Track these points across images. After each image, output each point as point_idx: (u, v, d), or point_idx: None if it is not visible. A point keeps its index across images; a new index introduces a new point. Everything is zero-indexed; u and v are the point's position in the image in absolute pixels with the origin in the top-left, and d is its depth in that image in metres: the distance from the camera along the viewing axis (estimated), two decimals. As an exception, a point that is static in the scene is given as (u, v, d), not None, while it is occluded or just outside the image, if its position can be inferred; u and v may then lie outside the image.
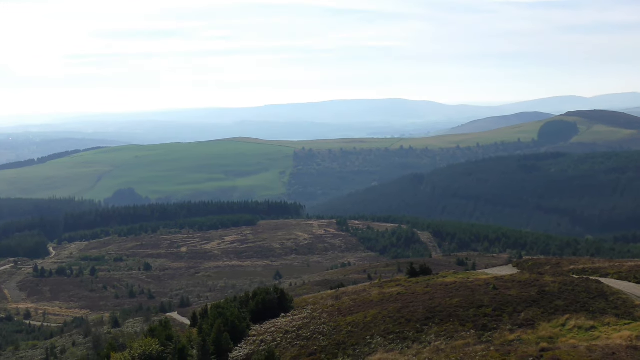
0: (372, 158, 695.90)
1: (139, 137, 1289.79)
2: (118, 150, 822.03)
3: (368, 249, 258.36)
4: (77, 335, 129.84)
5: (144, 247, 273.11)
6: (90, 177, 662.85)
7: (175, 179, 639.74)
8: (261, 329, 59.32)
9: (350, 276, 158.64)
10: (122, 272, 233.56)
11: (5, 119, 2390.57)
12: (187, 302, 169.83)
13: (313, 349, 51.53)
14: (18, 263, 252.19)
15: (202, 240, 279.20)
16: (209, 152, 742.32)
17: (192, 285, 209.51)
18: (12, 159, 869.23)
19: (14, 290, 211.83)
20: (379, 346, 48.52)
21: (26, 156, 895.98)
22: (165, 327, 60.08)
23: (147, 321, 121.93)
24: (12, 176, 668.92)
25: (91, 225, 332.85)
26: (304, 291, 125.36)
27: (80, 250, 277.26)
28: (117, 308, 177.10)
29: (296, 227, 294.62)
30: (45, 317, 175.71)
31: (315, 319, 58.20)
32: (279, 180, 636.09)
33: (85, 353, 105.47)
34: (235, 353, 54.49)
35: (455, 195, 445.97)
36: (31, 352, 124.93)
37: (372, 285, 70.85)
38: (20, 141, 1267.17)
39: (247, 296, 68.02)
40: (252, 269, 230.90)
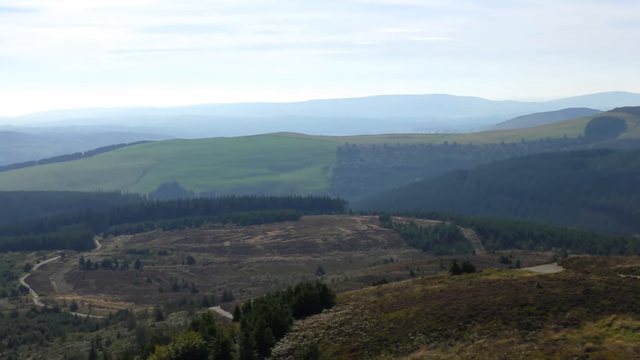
0: (415, 154, 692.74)
1: (184, 132, 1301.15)
2: (163, 144, 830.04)
3: (411, 245, 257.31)
4: (121, 327, 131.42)
5: (187, 241, 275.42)
6: (136, 171, 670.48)
7: (219, 173, 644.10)
8: (303, 324, 59.36)
9: (393, 272, 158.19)
10: (166, 265, 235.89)
11: (54, 114, 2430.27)
12: (229, 296, 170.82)
13: (355, 345, 51.45)
14: (65, 255, 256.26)
15: (245, 234, 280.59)
16: (253, 147, 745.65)
17: (234, 280, 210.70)
18: (60, 153, 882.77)
19: (61, 282, 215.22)
20: (422, 343, 48.27)
21: (73, 150, 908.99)
22: (208, 321, 60.46)
23: (191, 315, 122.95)
24: (59, 169, 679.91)
25: (136, 218, 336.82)
26: (346, 287, 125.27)
27: (125, 244, 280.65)
28: (160, 301, 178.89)
29: (339, 222, 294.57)
30: (91, 309, 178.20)
31: (358, 315, 58.09)
32: (322, 176, 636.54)
33: (130, 345, 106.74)
34: (277, 348, 54.61)
35: (500, 191, 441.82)
36: (77, 343, 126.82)
37: (415, 282, 70.54)
38: (67, 135, 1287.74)
39: (289, 291, 68.11)
40: (294, 264, 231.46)
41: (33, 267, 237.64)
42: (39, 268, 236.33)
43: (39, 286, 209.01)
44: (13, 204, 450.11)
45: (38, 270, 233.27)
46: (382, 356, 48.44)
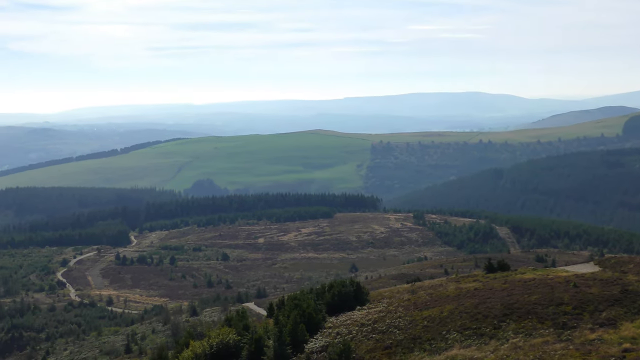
0: (450, 152, 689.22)
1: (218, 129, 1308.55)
2: (198, 141, 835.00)
3: (445, 243, 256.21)
4: (156, 322, 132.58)
5: (222, 237, 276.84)
6: (171, 168, 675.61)
7: (253, 171, 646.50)
8: (337, 321, 59.39)
9: (427, 270, 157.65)
10: (201, 261, 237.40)
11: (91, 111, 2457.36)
12: (263, 292, 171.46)
13: (389, 342, 51.38)
14: (101, 251, 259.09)
15: (279, 231, 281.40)
16: (287, 144, 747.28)
17: (268, 276, 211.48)
18: (97, 149, 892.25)
19: (97, 277, 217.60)
20: (456, 341, 48.07)
21: (110, 146, 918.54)
22: (242, 317, 60.82)
23: (225, 311, 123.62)
24: (96, 166, 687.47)
25: (171, 215, 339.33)
26: (380, 284, 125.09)
27: (160, 240, 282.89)
28: (195, 297, 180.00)
29: (373, 220, 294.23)
30: (127, 304, 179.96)
31: (391, 313, 57.99)
32: (357, 173, 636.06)
33: (164, 340, 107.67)
34: (310, 345, 54.71)
35: (535, 190, 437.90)
36: (113, 337, 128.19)
37: (449, 280, 70.21)
38: (104, 132, 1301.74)
39: (323, 288, 68.17)
40: (328, 261, 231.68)
41: (70, 262, 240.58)
42: (76, 263, 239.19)
43: (75, 281, 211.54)
44: (51, 200, 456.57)
45: (75, 265, 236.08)
46: (416, 354, 48.32)
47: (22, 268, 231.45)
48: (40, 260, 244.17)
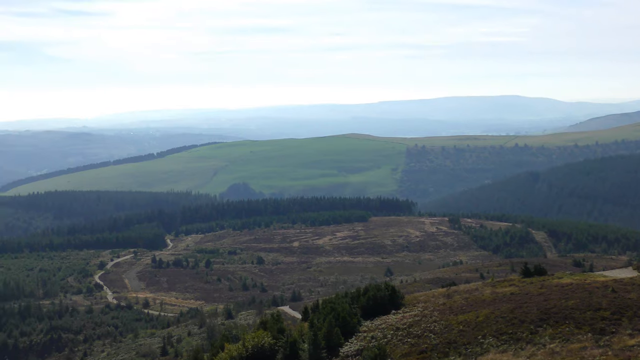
0: (485, 155, 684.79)
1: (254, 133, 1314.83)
2: (233, 145, 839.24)
3: (480, 247, 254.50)
4: (192, 325, 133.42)
5: (257, 241, 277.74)
6: (207, 172, 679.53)
7: (288, 174, 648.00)
8: (372, 325, 59.32)
9: (462, 275, 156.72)
10: (236, 265, 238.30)
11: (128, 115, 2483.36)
12: (298, 296, 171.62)
13: (424, 346, 51.20)
14: (137, 254, 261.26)
15: (314, 235, 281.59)
16: (322, 148, 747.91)
17: (303, 280, 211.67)
18: (134, 153, 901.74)
19: (134, 280, 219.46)
20: (491, 346, 47.75)
21: (146, 150, 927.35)
22: (277, 321, 60.99)
23: (260, 314, 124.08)
24: (133, 170, 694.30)
25: (207, 218, 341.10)
26: (415, 288, 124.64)
27: (196, 243, 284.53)
28: (230, 300, 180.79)
29: (408, 224, 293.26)
30: (163, 306, 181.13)
31: (427, 317, 57.78)
32: (391, 177, 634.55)
33: (200, 343, 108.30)
34: (345, 348, 54.70)
35: (572, 194, 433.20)
36: (149, 340, 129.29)
37: (485, 285, 69.77)
38: (141, 136, 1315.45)
39: (358, 292, 68.14)
40: (363, 265, 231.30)
41: (107, 264, 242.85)
42: (113, 266, 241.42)
43: (112, 283, 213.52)
44: (89, 203, 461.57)
45: (112, 268, 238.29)
46: (451, 358, 48.12)
47: (60, 270, 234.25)
48: (78, 262, 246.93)
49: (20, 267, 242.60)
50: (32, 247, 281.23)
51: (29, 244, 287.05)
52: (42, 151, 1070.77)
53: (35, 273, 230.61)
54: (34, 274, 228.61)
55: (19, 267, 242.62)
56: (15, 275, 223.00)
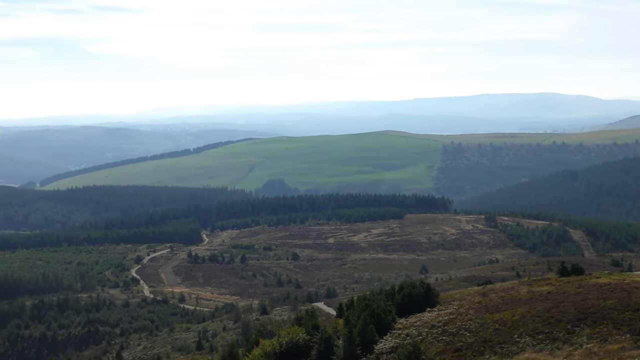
0: (522, 153, 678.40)
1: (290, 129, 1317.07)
2: (269, 141, 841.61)
3: (517, 245, 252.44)
4: (227, 320, 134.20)
5: (292, 237, 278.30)
6: (242, 168, 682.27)
7: (323, 171, 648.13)
8: (407, 323, 59.19)
9: (498, 273, 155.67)
10: (271, 261, 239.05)
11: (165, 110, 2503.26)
12: (333, 292, 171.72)
13: (459, 345, 50.99)
14: (174, 248, 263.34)
15: (349, 232, 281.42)
16: (357, 145, 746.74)
17: (338, 277, 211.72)
18: (171, 149, 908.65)
19: (170, 275, 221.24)
20: (527, 346, 47.41)
21: (183, 146, 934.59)
22: (311, 317, 61.08)
23: (294, 310, 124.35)
24: (170, 165, 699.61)
25: (242, 214, 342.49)
26: (450, 286, 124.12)
27: (232, 238, 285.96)
28: (265, 296, 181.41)
29: (443, 221, 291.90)
30: (198, 301, 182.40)
31: (462, 315, 57.52)
32: (427, 174, 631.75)
33: (235, 338, 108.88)
34: (380, 345, 54.67)
35: (611, 193, 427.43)
36: (185, 334, 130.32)
37: (521, 283, 69.25)
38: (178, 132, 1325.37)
39: (393, 289, 68.03)
40: (398, 262, 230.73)
41: (144, 259, 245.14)
42: (149, 260, 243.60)
43: (149, 278, 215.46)
44: (126, 198, 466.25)
45: (148, 262, 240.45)
46: (486, 357, 47.90)
47: (98, 264, 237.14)
48: (116, 257, 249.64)
49: (59, 260, 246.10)
50: (70, 240, 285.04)
51: (67, 237, 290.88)
52: (81, 146, 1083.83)
53: (74, 266, 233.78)
54: (72, 268, 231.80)
55: (58, 260, 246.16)
56: (54, 269, 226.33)
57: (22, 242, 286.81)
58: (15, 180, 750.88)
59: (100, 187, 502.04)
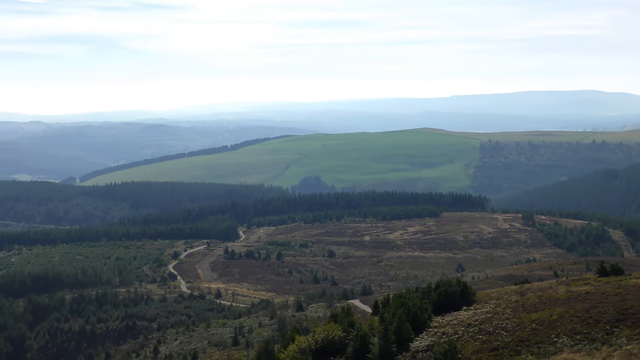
0: (561, 152, 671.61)
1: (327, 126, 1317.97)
2: (306, 138, 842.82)
3: (555, 245, 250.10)
4: (263, 316, 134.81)
5: (328, 234, 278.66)
6: (279, 165, 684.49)
7: (360, 169, 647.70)
8: (443, 321, 58.99)
9: (535, 272, 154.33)
10: (307, 257, 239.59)
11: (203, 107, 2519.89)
12: (369, 290, 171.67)
13: (495, 344, 50.71)
14: (211, 245, 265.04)
15: (385, 229, 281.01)
16: (394, 142, 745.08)
17: (374, 274, 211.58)
18: (208, 146, 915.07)
19: (207, 270, 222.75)
20: (565, 346, 46.99)
21: (220, 143, 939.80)
22: (347, 314, 61.13)
23: (330, 307, 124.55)
24: (207, 162, 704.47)
25: (278, 211, 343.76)
26: (487, 285, 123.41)
27: (268, 235, 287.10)
28: (301, 292, 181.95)
29: (480, 220, 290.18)
30: (235, 297, 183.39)
31: (499, 314, 57.16)
32: (464, 173, 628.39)
33: (271, 334, 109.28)
34: (416, 343, 54.54)
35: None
36: (221, 330, 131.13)
37: (559, 283, 68.60)
38: (214, 128, 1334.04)
39: (429, 287, 67.79)
40: (434, 261, 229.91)
41: (181, 255, 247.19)
42: (186, 256, 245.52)
43: (186, 273, 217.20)
44: (164, 194, 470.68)
45: (185, 258, 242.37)
46: (523, 357, 47.57)
47: (136, 259, 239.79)
48: (153, 252, 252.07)
49: (98, 255, 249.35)
50: (109, 236, 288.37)
51: (106, 233, 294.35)
52: (120, 142, 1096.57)
53: (112, 261, 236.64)
54: (110, 263, 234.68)
55: (97, 255, 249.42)
56: (93, 263, 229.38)
57: (62, 237, 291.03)
58: (56, 175, 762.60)
59: (139, 183, 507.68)
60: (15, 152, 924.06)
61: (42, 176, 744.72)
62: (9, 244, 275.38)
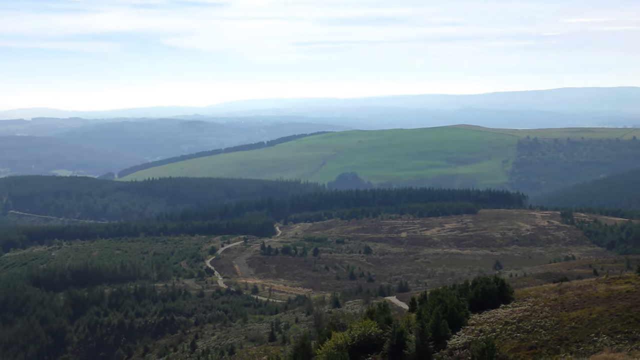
0: (601, 149, 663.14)
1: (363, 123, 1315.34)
2: (342, 135, 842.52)
3: (594, 243, 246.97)
4: (299, 312, 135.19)
5: (364, 230, 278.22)
6: (315, 161, 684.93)
7: (396, 165, 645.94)
8: (480, 319, 58.67)
9: (574, 270, 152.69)
10: (343, 254, 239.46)
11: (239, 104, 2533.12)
12: (405, 286, 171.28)
13: (534, 342, 50.33)
14: (247, 240, 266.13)
15: (422, 226, 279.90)
16: (431, 139, 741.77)
17: (410, 271, 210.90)
18: (244, 142, 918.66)
19: (243, 266, 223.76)
20: (605, 345, 46.49)
21: (256, 139, 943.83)
22: (383, 310, 61.04)
23: (366, 303, 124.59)
24: (243, 158, 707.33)
25: (315, 207, 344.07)
26: (525, 283, 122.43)
27: (304, 231, 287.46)
28: (337, 289, 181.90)
29: (518, 217, 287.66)
30: (271, 293, 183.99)
31: (537, 312, 56.72)
32: (501, 169, 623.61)
33: (307, 330, 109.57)
34: (453, 341, 54.34)
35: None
36: (258, 325, 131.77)
37: (599, 281, 67.85)
38: (251, 125, 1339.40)
39: (466, 284, 67.42)
40: (471, 258, 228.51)
41: (218, 250, 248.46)
42: (223, 252, 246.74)
43: (223, 269, 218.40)
44: (201, 190, 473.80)
45: (222, 253, 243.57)
46: (562, 356, 47.14)
47: (173, 254, 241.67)
48: (191, 247, 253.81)
49: (136, 250, 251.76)
50: (147, 231, 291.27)
51: (144, 228, 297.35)
52: (158, 138, 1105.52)
53: (150, 256, 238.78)
54: (148, 257, 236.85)
55: (135, 250, 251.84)
56: (131, 258, 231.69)
57: (101, 231, 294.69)
58: (94, 171, 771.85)
59: (176, 179, 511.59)
60: (55, 148, 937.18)
61: (81, 171, 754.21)
62: (50, 238, 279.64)
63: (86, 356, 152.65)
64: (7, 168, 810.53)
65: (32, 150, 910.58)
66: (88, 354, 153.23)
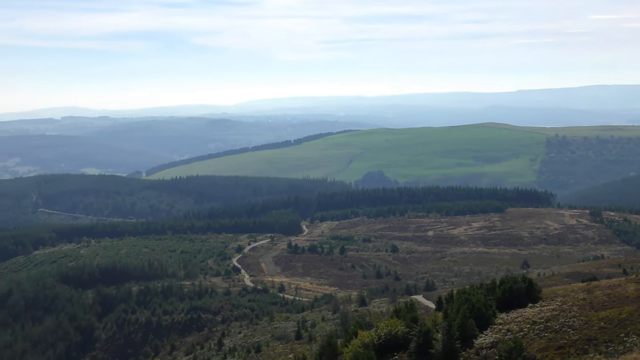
0: (631, 147, 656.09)
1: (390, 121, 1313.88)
2: (369, 133, 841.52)
3: (624, 242, 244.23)
4: (326, 311, 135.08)
5: (391, 229, 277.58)
6: (342, 159, 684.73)
7: (424, 163, 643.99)
8: (507, 318, 58.26)
9: (603, 270, 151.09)
10: (370, 252, 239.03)
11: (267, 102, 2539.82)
12: (432, 285, 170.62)
13: (562, 342, 49.88)
14: (274, 238, 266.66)
15: (449, 225, 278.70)
16: (458, 137, 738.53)
17: (437, 270, 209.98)
18: (271, 140, 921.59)
19: (270, 264, 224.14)
20: (635, 345, 45.94)
21: (283, 137, 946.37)
22: (410, 309, 60.83)
23: (393, 302, 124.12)
24: (270, 156, 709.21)
25: (341, 205, 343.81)
26: (553, 282, 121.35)
27: (331, 229, 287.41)
28: (364, 287, 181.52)
29: (546, 216, 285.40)
30: (297, 291, 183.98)
31: (565, 312, 56.20)
32: (529, 168, 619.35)
33: (334, 329, 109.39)
34: (480, 340, 54.01)
35: None
36: (284, 323, 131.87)
37: (628, 281, 67.07)
38: (278, 123, 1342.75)
39: (493, 283, 66.98)
40: (498, 257, 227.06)
41: (244, 248, 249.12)
42: (250, 250, 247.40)
43: (249, 267, 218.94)
44: (228, 188, 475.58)
45: (249, 252, 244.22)
46: (591, 356, 46.68)
47: (200, 253, 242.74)
48: (217, 246, 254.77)
49: (164, 248, 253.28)
50: (174, 229, 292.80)
51: (172, 226, 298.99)
52: (185, 136, 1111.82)
53: (177, 254, 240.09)
54: (176, 256, 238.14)
55: (163, 248, 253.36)
56: (159, 256, 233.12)
57: (129, 229, 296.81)
58: (123, 169, 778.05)
59: (203, 177, 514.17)
60: (84, 147, 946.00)
61: (110, 170, 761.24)
62: (78, 236, 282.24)
63: (114, 353, 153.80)
64: (37, 167, 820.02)
65: (62, 149, 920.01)
66: (116, 351, 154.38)
